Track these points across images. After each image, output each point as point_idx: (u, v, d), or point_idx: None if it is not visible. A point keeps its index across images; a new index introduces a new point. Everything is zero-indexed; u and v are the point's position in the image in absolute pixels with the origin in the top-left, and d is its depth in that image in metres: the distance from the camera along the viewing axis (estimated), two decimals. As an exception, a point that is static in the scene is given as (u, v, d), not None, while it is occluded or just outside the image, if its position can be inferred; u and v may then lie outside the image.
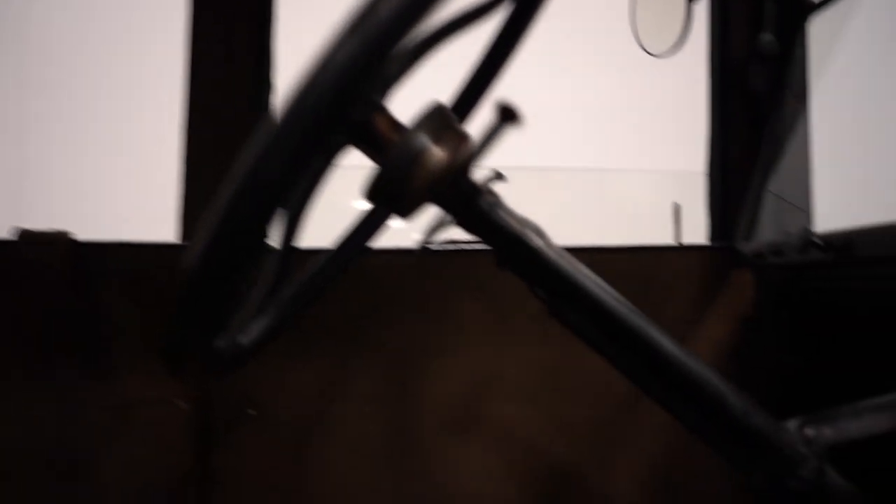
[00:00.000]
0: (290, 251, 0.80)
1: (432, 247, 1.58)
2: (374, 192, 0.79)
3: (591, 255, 0.86)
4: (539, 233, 0.84)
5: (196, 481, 1.43)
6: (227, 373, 0.86)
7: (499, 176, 0.88)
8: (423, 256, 1.53)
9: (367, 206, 1.16)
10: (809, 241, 1.09)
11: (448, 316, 1.52)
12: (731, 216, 1.52)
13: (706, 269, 1.48)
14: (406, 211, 0.81)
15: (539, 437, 1.49)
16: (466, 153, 0.74)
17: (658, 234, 1.57)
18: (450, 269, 1.53)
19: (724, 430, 0.84)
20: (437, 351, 1.51)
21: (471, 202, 0.80)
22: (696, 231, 1.57)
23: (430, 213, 0.85)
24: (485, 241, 0.86)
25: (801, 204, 1.49)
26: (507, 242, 0.82)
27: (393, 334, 1.52)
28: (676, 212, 1.54)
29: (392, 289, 1.54)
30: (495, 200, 0.82)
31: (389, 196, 0.78)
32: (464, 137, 0.78)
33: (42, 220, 1.35)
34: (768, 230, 1.47)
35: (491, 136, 0.66)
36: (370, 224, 1.11)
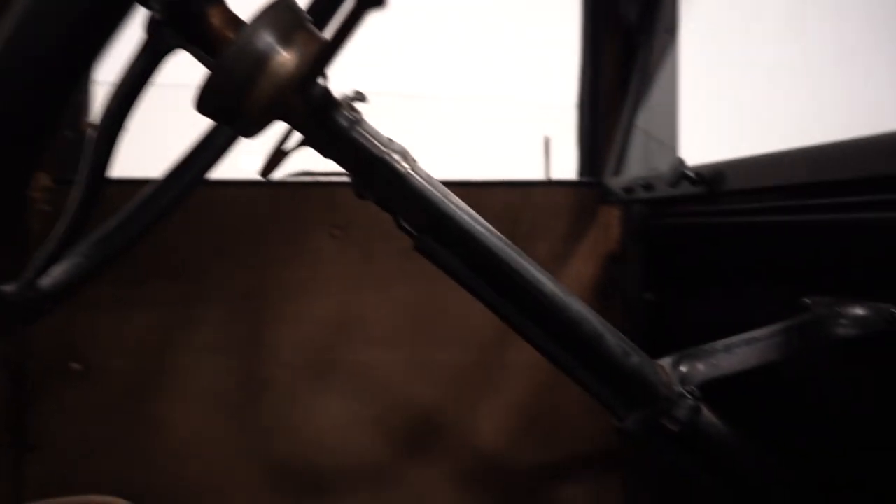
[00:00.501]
0: (98, 178, 0.65)
1: (282, 176, 1.44)
2: (207, 103, 0.65)
3: (459, 189, 0.77)
4: (405, 156, 0.73)
5: (8, 447, 1.24)
6: (25, 323, 0.71)
7: (359, 96, 0.76)
8: (272, 188, 1.39)
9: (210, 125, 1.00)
10: (682, 173, 1.06)
11: (302, 255, 1.39)
12: (601, 151, 1.48)
13: (575, 204, 1.44)
14: (247, 128, 0.67)
15: (402, 381, 1.41)
16: (320, 57, 0.62)
17: (531, 169, 1.52)
18: (304, 203, 1.40)
19: (601, 371, 0.79)
20: (291, 293, 1.39)
21: (326, 118, 0.68)
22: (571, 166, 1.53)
23: (277, 131, 0.73)
24: (342, 166, 0.75)
25: (668, 140, 1.48)
26: (368, 167, 0.71)
27: (241, 276, 1.39)
28: (547, 146, 1.49)
29: (238, 225, 1.39)
30: (356, 117, 0.70)
31: (225, 109, 0.64)
32: (317, 39, 0.65)
33: None
34: (636, 166, 1.45)
35: (348, 24, 0.54)
36: (209, 147, 0.96)
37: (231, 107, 0.64)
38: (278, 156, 0.75)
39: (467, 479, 1.43)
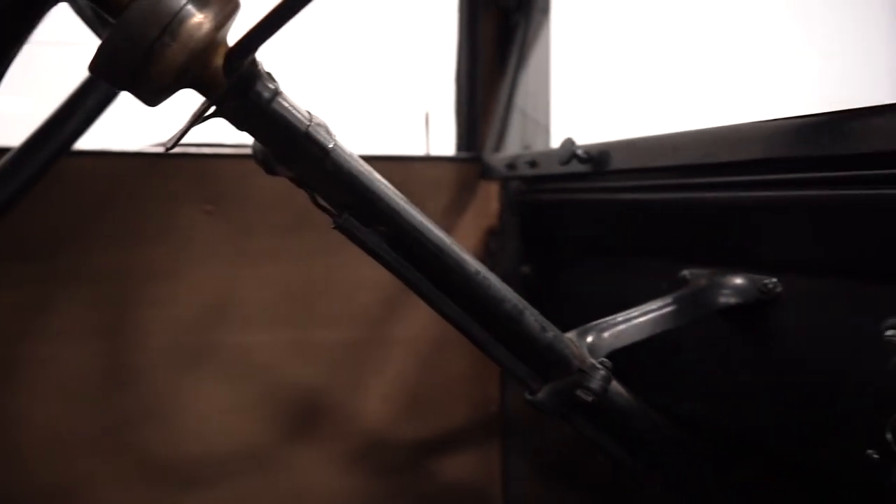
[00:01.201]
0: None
1: (146, 147, 1.33)
2: (105, 65, 0.58)
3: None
4: (328, 131, 0.70)
5: None
6: None
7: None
8: (137, 159, 1.28)
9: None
10: (572, 152, 1.10)
11: (172, 232, 1.30)
12: (480, 128, 1.50)
13: (456, 180, 1.45)
14: (152, 95, 0.61)
15: (284, 362, 1.37)
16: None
17: (414, 144, 1.51)
18: (173, 177, 1.30)
19: (520, 346, 0.81)
20: (161, 273, 1.30)
21: (248, 89, 0.63)
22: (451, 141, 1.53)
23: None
24: (259, 139, 0.70)
25: (542, 119, 1.52)
26: (290, 141, 0.66)
27: (104, 255, 1.27)
28: (427, 121, 1.48)
29: (100, 200, 1.27)
30: (277, 88, 0.66)
31: (128, 73, 0.58)
32: (234, 1, 0.60)
33: None
34: (513, 144, 1.49)
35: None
36: (75, 114, 0.87)
37: (135, 71, 0.57)
38: (187, 126, 0.68)
39: (352, 458, 1.42)
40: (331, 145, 0.68)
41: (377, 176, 0.73)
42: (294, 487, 1.38)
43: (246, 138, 0.69)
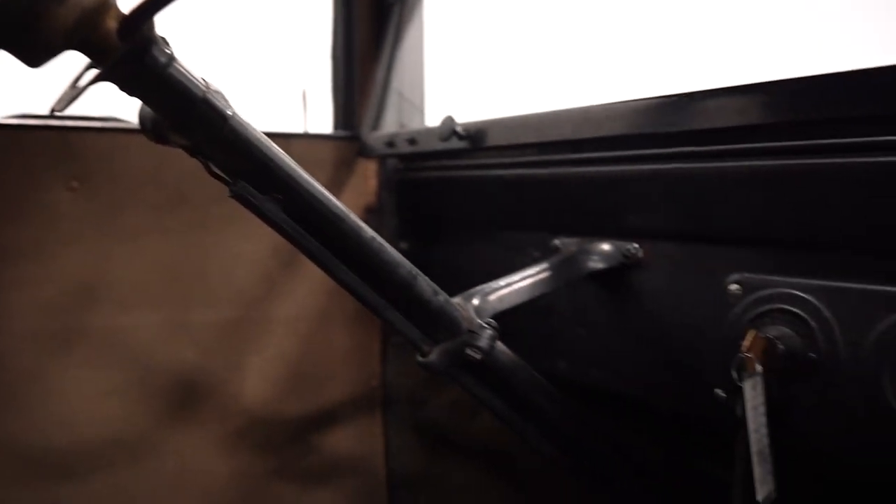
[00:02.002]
0: None
1: (12, 120, 1.24)
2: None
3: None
4: (224, 98, 0.70)
5: None
6: None
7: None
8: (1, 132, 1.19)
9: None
10: (452, 129, 1.15)
11: (35, 210, 1.22)
12: (357, 107, 1.52)
13: (335, 158, 1.46)
14: (36, 56, 0.59)
15: (160, 345, 1.33)
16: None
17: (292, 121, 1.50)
18: (34, 152, 1.22)
19: (414, 310, 0.84)
20: (23, 254, 1.22)
21: (144, 54, 0.62)
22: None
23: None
24: (151, 105, 0.69)
25: (417, 99, 1.56)
26: (186, 108, 0.66)
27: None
28: (304, 99, 1.48)
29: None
30: (172, 53, 0.65)
31: (10, 32, 0.56)
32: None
33: None
34: (389, 123, 1.52)
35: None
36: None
37: (21, 28, 0.56)
38: (75, 91, 0.66)
39: (233, 438, 1.40)
40: (230, 112, 0.69)
41: (273, 145, 0.74)
42: (173, 473, 1.35)
43: (112, 110, 0.68)
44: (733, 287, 0.89)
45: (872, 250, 0.77)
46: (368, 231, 0.79)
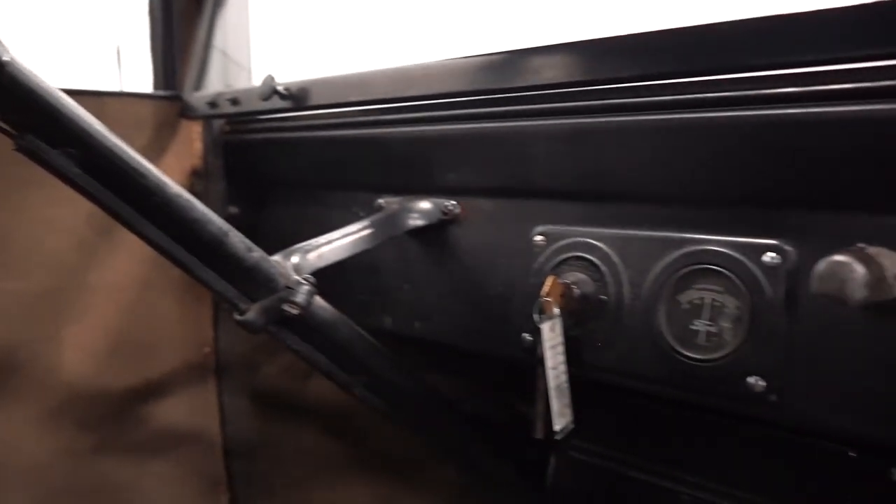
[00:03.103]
0: None
1: None
2: None
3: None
4: (2, 44, 0.66)
5: None
6: None
7: None
8: None
9: None
10: (273, 88, 1.13)
11: None
12: (178, 66, 1.45)
13: (155, 118, 1.40)
14: None
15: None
16: None
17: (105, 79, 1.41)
18: None
19: (227, 267, 0.84)
20: None
21: None
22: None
23: None
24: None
25: (243, 59, 1.52)
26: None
27: None
28: (119, 56, 1.40)
29: None
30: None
31: None
32: None
33: None
34: (215, 84, 1.47)
35: None
36: None
37: None
38: None
39: (53, 414, 1.32)
40: (6, 58, 0.64)
41: (63, 94, 0.70)
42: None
43: None
44: (538, 238, 0.95)
45: (652, 200, 0.86)
46: (174, 187, 0.77)
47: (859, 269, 0.59)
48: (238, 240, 0.83)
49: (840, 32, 0.66)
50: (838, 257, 0.60)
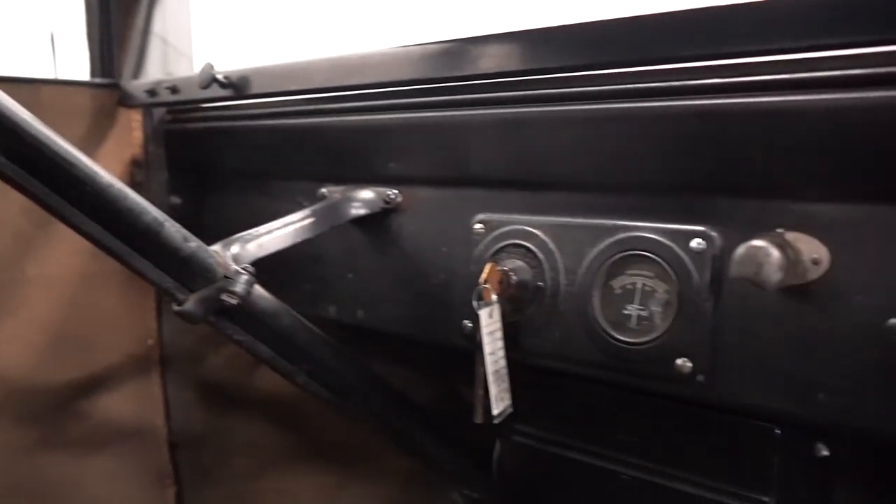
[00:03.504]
0: None
1: None
2: None
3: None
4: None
5: None
6: None
7: None
8: None
9: None
10: (212, 76, 1.12)
11: None
12: (116, 53, 1.42)
13: (93, 107, 1.37)
14: None
15: None
16: None
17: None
18: None
19: (163, 258, 0.83)
20: None
21: None
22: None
23: None
24: None
25: (184, 46, 1.49)
26: None
27: None
28: (53, 43, 1.36)
29: None
30: None
31: None
32: None
33: None
34: (155, 72, 1.44)
35: None
36: None
37: None
38: None
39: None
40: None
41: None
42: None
43: None
44: (478, 226, 0.97)
45: (586, 188, 0.88)
46: (105, 177, 0.76)
47: (775, 254, 0.62)
48: (174, 230, 0.82)
49: (759, 24, 0.69)
50: (756, 242, 0.63)
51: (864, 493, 1.06)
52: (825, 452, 0.95)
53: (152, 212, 0.80)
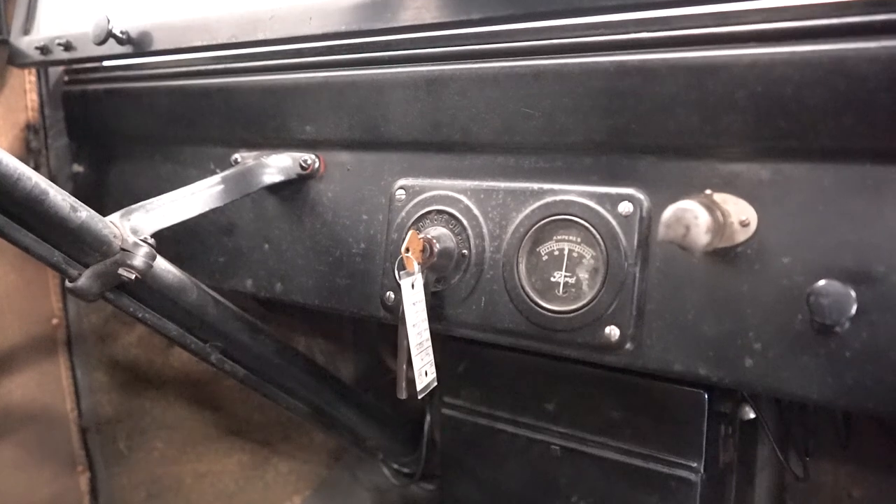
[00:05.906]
0: None
1: None
2: None
3: None
4: None
5: None
6: None
7: None
8: None
9: None
10: (109, 31, 1.02)
11: None
12: (3, 6, 1.29)
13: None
14: None
15: None
16: None
17: None
18: None
19: (49, 230, 0.75)
20: None
21: None
22: None
23: None
24: None
25: None
26: None
27: None
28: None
29: None
30: None
31: None
32: None
33: None
34: (50, 25, 1.31)
35: None
36: None
37: None
38: None
39: None
40: None
41: None
42: None
43: None
44: (399, 192, 0.92)
45: (510, 150, 0.83)
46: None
47: (703, 215, 0.59)
48: (60, 198, 0.74)
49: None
50: (683, 204, 0.60)
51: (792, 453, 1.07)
52: (752, 415, 0.95)
53: (34, 178, 0.72)
